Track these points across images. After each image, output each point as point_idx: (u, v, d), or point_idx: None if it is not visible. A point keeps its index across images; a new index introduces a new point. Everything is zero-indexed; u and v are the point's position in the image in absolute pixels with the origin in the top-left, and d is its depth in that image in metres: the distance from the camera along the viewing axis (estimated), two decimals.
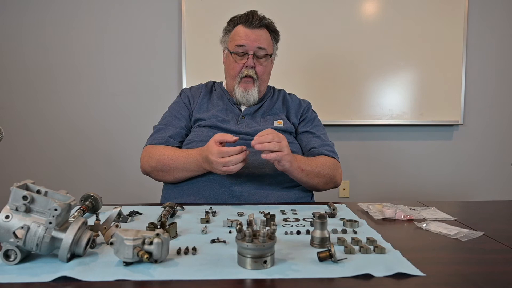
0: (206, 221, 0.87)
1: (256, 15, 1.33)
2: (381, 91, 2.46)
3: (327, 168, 1.23)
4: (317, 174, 1.20)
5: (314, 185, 1.23)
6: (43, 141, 2.42)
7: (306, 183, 1.21)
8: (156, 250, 0.60)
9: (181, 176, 1.20)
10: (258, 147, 1.01)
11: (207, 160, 1.08)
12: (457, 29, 2.46)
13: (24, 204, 0.61)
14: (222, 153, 1.03)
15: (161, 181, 1.29)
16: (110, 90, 2.43)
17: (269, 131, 1.04)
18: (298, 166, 1.14)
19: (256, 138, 1.02)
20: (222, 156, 1.03)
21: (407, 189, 2.57)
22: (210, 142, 1.07)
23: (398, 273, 0.59)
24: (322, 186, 1.25)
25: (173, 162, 1.19)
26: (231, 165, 1.03)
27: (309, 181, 1.20)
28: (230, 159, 1.02)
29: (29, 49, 2.39)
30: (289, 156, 1.07)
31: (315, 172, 1.19)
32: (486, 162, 2.60)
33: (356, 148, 2.53)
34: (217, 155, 1.03)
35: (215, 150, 1.04)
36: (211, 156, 1.05)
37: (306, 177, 1.18)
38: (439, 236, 0.80)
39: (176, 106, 1.41)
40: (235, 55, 1.33)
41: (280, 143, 1.03)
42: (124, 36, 2.42)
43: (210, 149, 1.05)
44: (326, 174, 1.22)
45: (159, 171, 1.23)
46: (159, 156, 1.21)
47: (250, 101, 1.36)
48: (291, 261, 0.64)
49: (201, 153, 1.12)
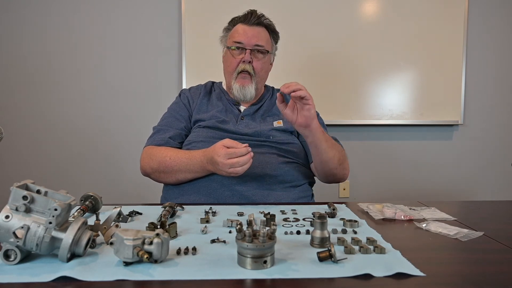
0: (206, 221, 0.87)
1: (255, 13, 1.34)
2: (381, 91, 2.46)
3: (340, 148, 1.26)
4: (334, 145, 1.22)
5: (330, 158, 1.20)
6: (43, 141, 2.42)
7: (323, 152, 1.18)
8: (156, 250, 0.60)
9: (183, 177, 1.20)
10: (286, 90, 1.03)
11: (213, 162, 1.07)
12: (457, 29, 2.46)
13: (24, 204, 0.60)
14: (230, 154, 1.03)
15: (161, 182, 1.28)
16: (110, 90, 2.43)
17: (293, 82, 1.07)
18: (319, 126, 1.15)
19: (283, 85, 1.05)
20: (230, 157, 1.03)
21: (407, 189, 2.57)
22: (217, 144, 1.07)
23: (398, 273, 0.59)
24: (335, 165, 1.22)
25: (176, 164, 1.18)
26: (238, 167, 1.03)
27: (327, 150, 1.18)
28: (237, 160, 1.03)
29: (29, 49, 2.39)
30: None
31: (332, 142, 1.21)
32: (486, 162, 2.60)
33: (356, 148, 2.53)
34: (224, 156, 1.03)
35: (222, 152, 1.04)
36: (217, 157, 1.05)
37: (326, 143, 1.17)
38: (439, 236, 0.80)
39: (175, 107, 1.40)
40: (233, 51, 1.34)
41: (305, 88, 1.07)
42: (124, 36, 2.42)
43: (217, 151, 1.05)
44: (340, 151, 1.25)
45: (160, 173, 1.22)
46: (161, 157, 1.21)
47: (247, 97, 1.35)
48: (291, 261, 0.64)
49: (206, 155, 1.12)
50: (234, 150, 1.03)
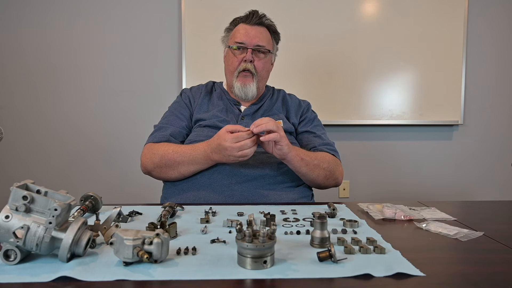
0: (206, 221, 0.87)
1: (256, 13, 1.35)
2: (381, 91, 2.46)
3: (326, 162, 1.23)
4: (317, 165, 1.20)
5: (314, 178, 1.22)
6: (43, 141, 2.42)
7: (306, 174, 1.20)
8: (156, 250, 0.60)
9: (186, 170, 1.19)
10: (256, 130, 1.05)
11: (220, 148, 1.08)
12: (457, 29, 2.46)
13: (24, 204, 0.60)
14: (237, 137, 1.05)
15: (163, 178, 1.27)
16: (110, 90, 2.43)
17: (265, 118, 1.08)
18: (297, 155, 1.15)
19: (253, 124, 1.06)
20: (237, 140, 1.05)
21: (407, 189, 2.57)
22: (221, 131, 1.09)
23: (398, 273, 0.59)
24: (322, 181, 1.24)
25: (179, 156, 1.18)
26: (247, 148, 1.05)
27: (309, 173, 1.19)
28: (245, 142, 1.05)
29: (29, 49, 2.39)
30: (286, 139, 1.10)
31: (314, 164, 1.19)
32: (486, 162, 2.60)
33: (356, 148, 2.53)
34: (231, 140, 1.05)
35: (228, 137, 1.05)
36: (224, 142, 1.06)
37: (306, 167, 1.17)
38: (439, 236, 0.80)
39: (177, 106, 1.40)
40: (234, 50, 1.34)
41: (278, 126, 1.07)
42: (124, 36, 2.42)
43: (223, 137, 1.07)
44: (326, 167, 1.22)
45: (162, 168, 1.21)
46: (163, 151, 1.20)
47: (249, 96, 1.36)
48: (291, 261, 0.64)
49: (210, 144, 1.12)
50: (241, 134, 1.05)
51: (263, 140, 1.06)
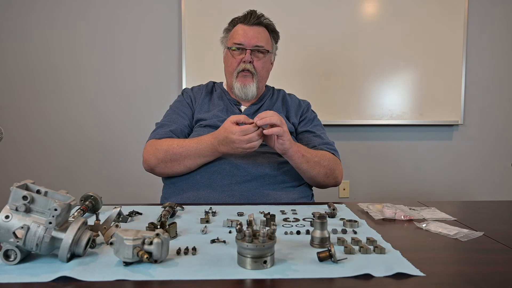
0: (206, 221, 0.87)
1: (254, 14, 1.34)
2: (381, 91, 2.46)
3: (327, 160, 1.23)
4: (317, 163, 1.20)
5: (314, 176, 1.22)
6: (43, 141, 2.42)
7: (306, 171, 1.20)
8: (156, 250, 0.60)
9: (192, 163, 1.19)
10: (260, 123, 1.05)
11: (227, 141, 1.09)
12: (457, 29, 2.46)
13: (24, 204, 0.60)
14: (245, 130, 1.06)
15: (167, 174, 1.24)
16: (110, 90, 2.43)
17: (270, 112, 1.08)
18: (298, 151, 1.15)
19: (257, 116, 1.06)
20: (245, 133, 1.06)
21: (407, 189, 2.57)
22: (226, 123, 1.09)
23: (398, 273, 0.59)
24: (322, 179, 1.24)
25: (184, 150, 1.17)
26: (255, 141, 1.07)
27: (310, 170, 1.19)
28: (253, 134, 1.06)
29: (29, 48, 2.39)
30: (289, 134, 1.11)
31: (315, 161, 1.19)
32: (486, 162, 2.60)
33: (356, 148, 2.53)
34: (239, 133, 1.06)
35: (236, 129, 1.06)
36: (232, 135, 1.06)
37: (307, 164, 1.18)
38: (439, 236, 0.80)
39: (179, 105, 1.40)
40: (233, 51, 1.34)
41: (281, 120, 1.08)
42: (124, 36, 2.42)
43: (230, 129, 1.07)
44: (326, 165, 1.22)
45: (167, 162, 1.20)
46: (167, 146, 1.19)
47: (249, 96, 1.36)
48: (291, 261, 0.64)
49: (216, 137, 1.13)
50: (248, 127, 1.06)
51: (266, 134, 1.07)
